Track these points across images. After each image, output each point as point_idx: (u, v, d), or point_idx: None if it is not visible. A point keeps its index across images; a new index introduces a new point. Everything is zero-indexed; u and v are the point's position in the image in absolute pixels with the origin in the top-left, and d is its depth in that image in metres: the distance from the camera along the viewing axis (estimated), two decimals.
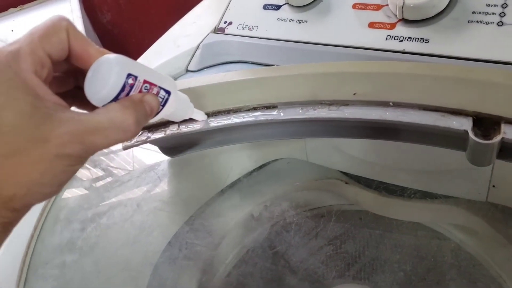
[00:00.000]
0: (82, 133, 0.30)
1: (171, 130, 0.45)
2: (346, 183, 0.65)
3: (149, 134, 0.45)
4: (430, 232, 0.47)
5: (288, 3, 0.62)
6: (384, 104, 0.43)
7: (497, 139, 0.38)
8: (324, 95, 0.45)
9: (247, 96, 0.46)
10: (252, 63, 0.60)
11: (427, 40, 0.53)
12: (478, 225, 0.58)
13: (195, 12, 0.71)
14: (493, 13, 0.51)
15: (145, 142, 0.45)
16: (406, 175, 0.60)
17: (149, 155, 0.57)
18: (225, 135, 0.49)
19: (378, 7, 0.57)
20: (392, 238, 0.44)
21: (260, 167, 0.65)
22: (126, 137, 0.33)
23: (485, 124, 0.40)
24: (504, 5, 0.51)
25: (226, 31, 0.64)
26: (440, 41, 0.52)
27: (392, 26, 0.55)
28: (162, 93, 0.36)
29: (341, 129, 0.47)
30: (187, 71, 0.61)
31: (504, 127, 0.38)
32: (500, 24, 0.50)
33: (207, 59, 0.61)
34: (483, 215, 0.57)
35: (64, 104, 0.32)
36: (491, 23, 0.51)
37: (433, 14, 0.53)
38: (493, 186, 0.52)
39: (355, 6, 0.58)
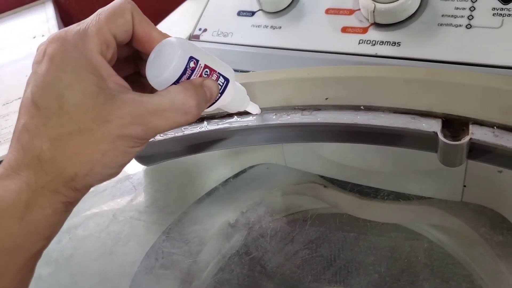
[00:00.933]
0: (143, 114, 0.30)
1: None
2: (325, 186, 0.65)
3: None
4: (404, 233, 0.48)
5: (262, 10, 0.62)
6: (356, 108, 0.43)
7: (465, 139, 0.38)
8: (297, 101, 0.45)
9: None
10: None
11: (398, 44, 0.54)
12: (454, 224, 0.59)
13: (170, 20, 0.71)
14: (462, 16, 0.52)
15: None
16: (382, 177, 0.61)
17: None
18: (200, 142, 0.49)
19: (351, 12, 0.58)
20: (367, 240, 0.45)
21: (238, 173, 0.65)
22: (187, 119, 0.33)
23: (454, 125, 0.40)
24: (472, 8, 0.52)
25: (201, 38, 0.64)
26: (411, 44, 0.53)
27: (364, 30, 0.56)
28: (221, 80, 0.36)
29: (315, 133, 0.48)
30: None
31: (472, 128, 0.39)
32: (469, 26, 0.51)
33: None
34: (457, 214, 0.58)
35: (127, 86, 0.32)
36: (460, 25, 0.52)
37: (404, 18, 0.54)
38: (464, 186, 0.52)
39: (328, 11, 0.59)
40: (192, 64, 0.33)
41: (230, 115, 0.46)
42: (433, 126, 0.40)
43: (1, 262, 0.29)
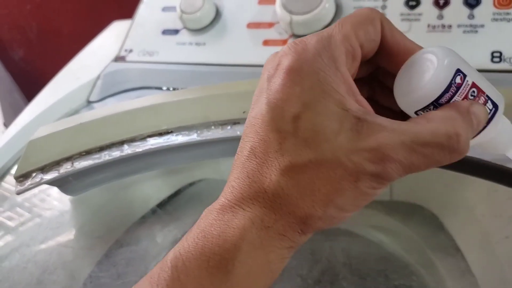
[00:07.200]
0: (396, 148, 0.23)
1: (65, 168, 0.44)
2: None
3: (42, 175, 0.44)
4: (323, 235, 0.49)
5: (186, 28, 0.63)
6: None
7: None
8: (216, 116, 0.46)
9: (139, 124, 0.46)
10: (156, 88, 0.61)
11: None
12: (388, 223, 0.61)
13: (96, 43, 0.71)
14: None
15: (39, 184, 0.44)
16: None
17: None
18: (125, 166, 0.48)
19: (270, 25, 0.59)
20: None
21: (177, 192, 0.65)
22: (450, 158, 0.25)
23: None
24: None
25: (127, 59, 0.64)
26: None
27: (284, 42, 0.57)
28: (489, 105, 0.26)
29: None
30: (89, 102, 0.60)
31: None
32: None
33: (109, 88, 0.61)
34: (390, 213, 0.60)
35: (371, 109, 0.26)
36: None
37: (320, 28, 0.56)
38: None
39: (249, 26, 0.60)
40: (458, 80, 0.25)
41: (150, 136, 0.46)
42: None
43: None
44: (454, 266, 0.47)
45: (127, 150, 0.45)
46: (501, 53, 0.49)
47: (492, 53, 0.49)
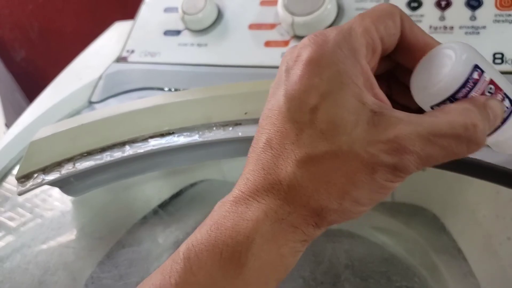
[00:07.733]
0: (412, 139, 0.23)
1: (67, 169, 0.44)
2: None
3: (43, 176, 0.44)
4: (324, 236, 0.49)
5: (187, 28, 0.63)
6: None
7: None
8: (217, 118, 0.46)
9: (140, 125, 0.46)
10: (158, 88, 0.61)
11: None
12: (391, 224, 0.61)
13: (98, 43, 0.71)
14: None
15: (40, 184, 0.44)
16: None
17: None
18: (126, 167, 0.48)
19: (272, 26, 0.59)
20: None
21: (179, 193, 0.65)
22: (468, 150, 0.25)
23: None
24: None
25: (129, 59, 0.64)
26: None
27: (285, 43, 0.57)
28: (507, 103, 0.27)
29: (238, 148, 0.48)
30: (90, 103, 0.60)
31: None
32: None
33: (110, 88, 0.61)
34: (393, 214, 0.60)
35: (388, 103, 0.26)
36: None
37: (323, 29, 0.56)
38: None
39: (251, 27, 0.60)
40: (475, 76, 0.25)
41: (152, 137, 0.46)
42: None
43: None
44: (456, 268, 0.47)
45: (128, 151, 0.45)
46: (503, 55, 0.49)
47: (494, 54, 0.49)
